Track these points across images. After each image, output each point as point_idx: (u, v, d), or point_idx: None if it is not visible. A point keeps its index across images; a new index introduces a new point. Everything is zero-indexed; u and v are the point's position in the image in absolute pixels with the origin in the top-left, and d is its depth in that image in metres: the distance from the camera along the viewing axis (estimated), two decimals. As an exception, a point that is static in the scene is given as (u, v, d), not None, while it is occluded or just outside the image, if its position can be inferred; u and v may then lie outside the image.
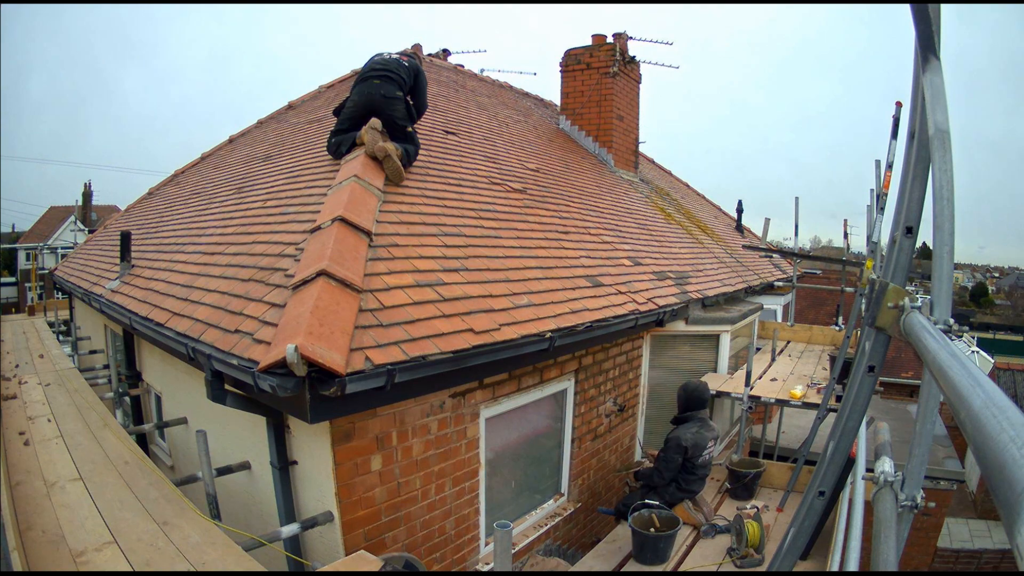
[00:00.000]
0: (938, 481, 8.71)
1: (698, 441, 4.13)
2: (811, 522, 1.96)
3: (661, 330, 5.59)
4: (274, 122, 8.09)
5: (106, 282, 5.14)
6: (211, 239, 4.49)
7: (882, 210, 4.72)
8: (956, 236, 1.19)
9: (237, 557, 2.29)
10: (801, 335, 8.69)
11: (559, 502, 4.57)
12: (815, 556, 3.78)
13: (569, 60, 9.25)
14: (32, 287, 15.04)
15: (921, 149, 1.44)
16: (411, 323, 2.91)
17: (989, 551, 10.96)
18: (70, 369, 5.15)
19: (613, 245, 5.77)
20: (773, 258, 10.46)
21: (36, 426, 3.58)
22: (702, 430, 4.21)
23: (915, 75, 1.47)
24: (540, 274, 4.21)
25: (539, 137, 8.30)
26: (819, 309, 19.02)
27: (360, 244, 3.21)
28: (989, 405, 0.66)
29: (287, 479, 3.09)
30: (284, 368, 2.33)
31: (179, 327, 3.25)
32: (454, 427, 3.42)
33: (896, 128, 4.37)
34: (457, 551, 3.57)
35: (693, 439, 4.12)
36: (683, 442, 4.10)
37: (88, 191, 33.47)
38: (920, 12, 1.32)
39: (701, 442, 4.15)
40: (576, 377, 4.55)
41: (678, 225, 8.64)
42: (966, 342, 23.20)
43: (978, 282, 67.75)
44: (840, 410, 1.84)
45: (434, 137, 5.60)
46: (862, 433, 3.90)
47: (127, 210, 9.09)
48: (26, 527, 2.40)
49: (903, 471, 1.36)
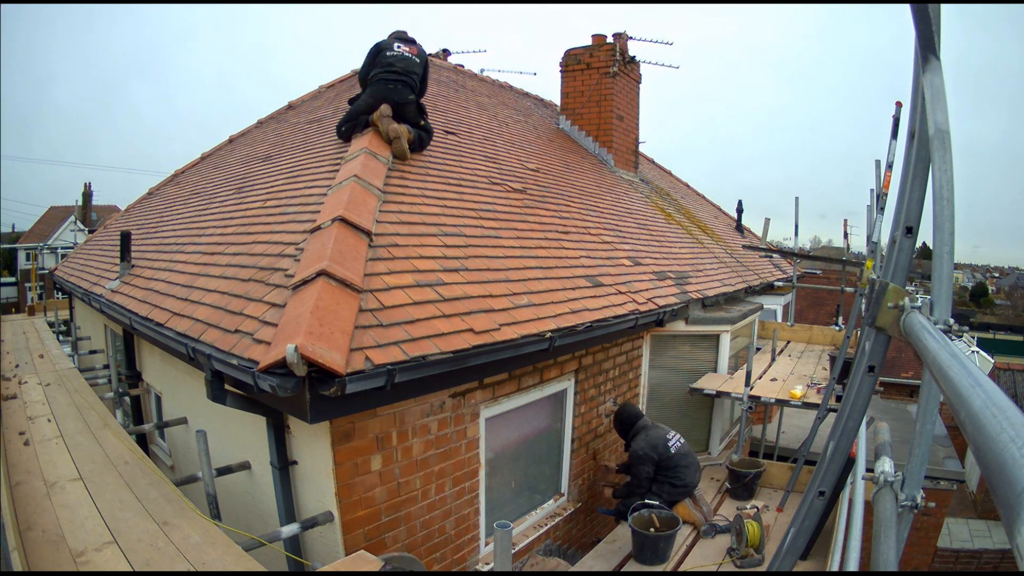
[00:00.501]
0: (938, 481, 8.70)
1: (652, 442, 4.26)
2: (811, 522, 1.96)
3: (661, 330, 5.59)
4: (274, 122, 8.09)
5: (106, 282, 5.14)
6: (211, 239, 4.48)
7: (882, 210, 4.72)
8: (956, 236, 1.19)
9: (237, 557, 2.29)
10: (801, 335, 8.69)
11: (559, 502, 4.57)
12: (815, 556, 3.78)
13: (569, 60, 9.25)
14: (32, 287, 15.06)
15: (921, 149, 1.44)
16: (411, 323, 2.91)
17: (989, 551, 10.95)
18: (70, 369, 5.15)
19: (613, 245, 5.77)
20: (773, 258, 10.46)
21: (36, 426, 3.58)
22: (648, 432, 4.35)
23: (915, 75, 1.47)
24: (540, 274, 4.21)
25: (539, 137, 8.30)
26: (819, 309, 19.02)
27: (360, 244, 3.21)
28: (989, 405, 0.66)
29: (287, 479, 3.09)
30: (284, 368, 2.33)
31: (179, 327, 3.25)
32: (454, 427, 3.42)
33: (896, 128, 4.37)
34: (457, 551, 3.57)
35: (647, 443, 4.25)
36: (640, 452, 4.23)
37: (88, 191, 33.47)
38: (920, 12, 1.32)
39: (655, 440, 4.27)
40: (576, 377, 4.55)
41: (678, 225, 8.64)
42: (966, 342, 23.19)
43: (978, 282, 67.78)
44: (840, 410, 1.84)
45: (434, 137, 5.59)
46: (862, 433, 3.90)
47: (127, 210, 9.09)
48: (26, 527, 2.40)
49: (903, 471, 1.36)
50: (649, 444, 4.23)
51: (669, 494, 4.21)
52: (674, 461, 4.23)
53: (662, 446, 4.23)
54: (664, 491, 4.21)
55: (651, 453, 4.20)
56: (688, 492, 4.27)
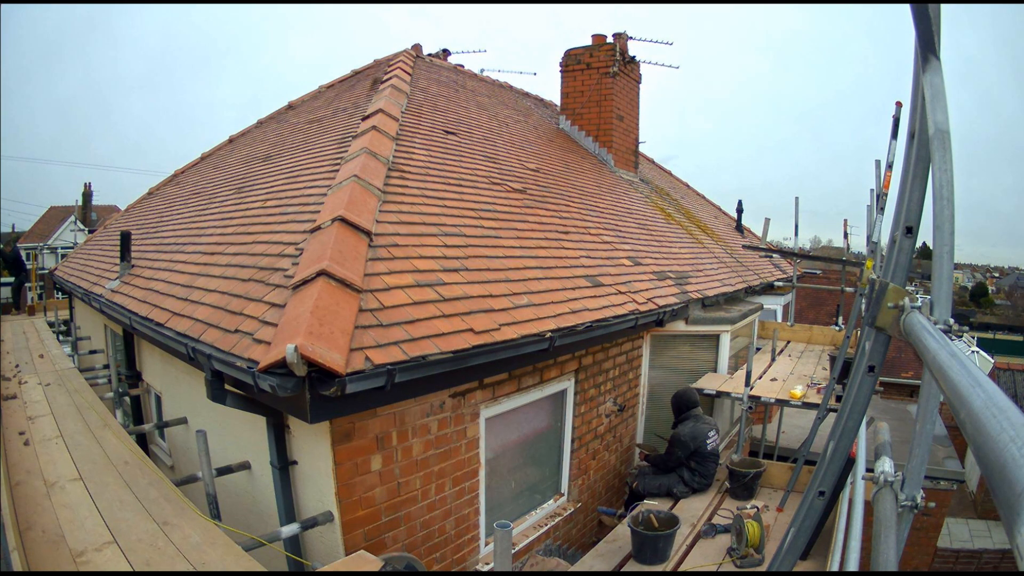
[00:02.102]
0: (938, 481, 8.71)
1: (695, 434, 4.65)
2: (811, 522, 1.96)
3: (661, 330, 5.59)
4: (274, 122, 8.10)
5: (106, 282, 5.14)
6: (211, 239, 4.49)
7: (882, 210, 4.71)
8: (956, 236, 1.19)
9: (237, 557, 2.29)
10: (801, 335, 8.69)
11: (559, 502, 4.57)
12: (815, 556, 3.78)
13: (569, 60, 9.25)
14: (32, 287, 15.09)
15: (921, 149, 1.44)
16: (411, 323, 2.91)
17: (989, 551, 10.95)
18: (70, 369, 5.15)
19: (613, 245, 5.77)
20: (773, 258, 10.45)
21: (36, 426, 3.58)
22: (698, 424, 4.73)
23: (915, 75, 1.47)
24: (540, 274, 4.21)
25: (539, 137, 8.30)
26: (819, 309, 19.02)
27: (360, 244, 3.21)
28: (989, 405, 0.66)
29: (287, 479, 3.09)
30: (284, 368, 2.33)
31: (179, 327, 3.25)
32: (454, 427, 3.42)
33: (896, 128, 4.37)
34: (457, 551, 3.57)
35: (691, 432, 4.66)
36: (682, 437, 4.65)
37: (88, 191, 33.48)
38: (920, 12, 1.32)
39: (699, 434, 4.66)
40: (576, 377, 4.55)
41: (678, 225, 8.64)
42: (966, 342, 23.19)
43: (978, 282, 67.76)
44: (840, 410, 1.84)
45: (434, 137, 5.60)
46: (862, 433, 3.90)
47: (127, 210, 9.09)
48: (26, 527, 2.40)
49: (903, 471, 1.36)
50: (691, 434, 4.64)
51: (694, 482, 4.65)
52: (705, 455, 4.67)
53: (701, 439, 4.66)
54: (693, 478, 4.65)
55: (690, 442, 4.63)
56: (708, 484, 4.73)
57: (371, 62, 8.77)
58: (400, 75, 6.81)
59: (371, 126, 4.76)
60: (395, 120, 5.25)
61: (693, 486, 4.67)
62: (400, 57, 7.96)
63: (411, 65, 7.71)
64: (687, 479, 4.66)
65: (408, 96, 6.26)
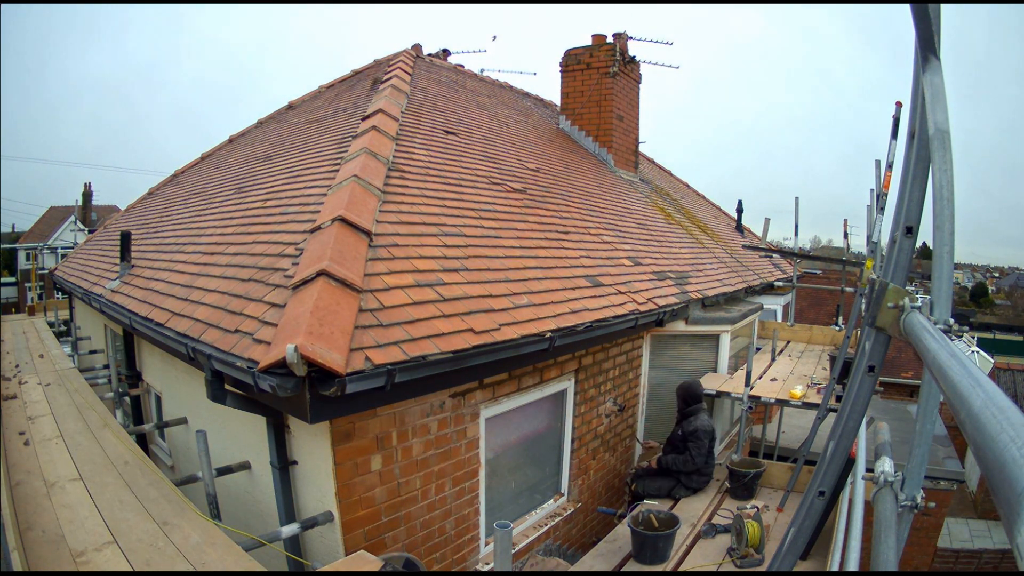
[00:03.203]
0: (938, 481, 8.70)
1: (713, 428, 4.73)
2: (811, 522, 1.96)
3: (661, 330, 5.59)
4: (274, 122, 8.10)
5: (106, 282, 5.14)
6: (211, 239, 4.49)
7: (882, 210, 4.72)
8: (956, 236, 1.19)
9: (237, 557, 2.29)
10: (801, 335, 8.69)
11: (559, 502, 4.57)
12: (815, 556, 3.78)
13: (569, 60, 9.25)
14: (32, 287, 15.07)
15: (921, 149, 1.44)
16: (411, 323, 2.90)
17: (989, 551, 10.94)
18: (70, 369, 5.15)
19: (613, 245, 5.77)
20: (773, 258, 10.45)
21: (36, 426, 3.58)
22: (706, 416, 4.77)
23: (915, 75, 1.47)
24: (540, 274, 4.21)
25: (539, 137, 8.30)
26: (819, 309, 19.02)
27: (360, 244, 3.21)
28: (989, 405, 0.66)
29: (287, 479, 3.09)
30: (284, 368, 2.33)
31: (179, 327, 3.25)
32: (454, 427, 3.42)
33: (896, 128, 4.37)
34: (457, 551, 3.57)
35: (711, 425, 4.70)
36: (708, 426, 4.65)
37: (88, 191, 33.50)
38: (920, 12, 1.32)
39: (712, 428, 4.72)
40: (576, 377, 4.55)
41: (678, 225, 8.64)
42: (966, 342, 23.19)
43: (978, 282, 67.76)
44: (840, 410, 1.84)
45: (434, 137, 5.60)
46: (862, 433, 3.90)
47: (127, 210, 9.09)
48: (26, 527, 2.40)
49: (903, 471, 1.36)
50: (708, 425, 4.68)
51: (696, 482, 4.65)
52: (712, 454, 4.75)
53: (713, 433, 4.72)
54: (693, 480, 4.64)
55: (712, 432, 4.69)
56: (707, 482, 4.76)
57: (371, 62, 8.77)
58: (400, 75, 6.81)
59: (371, 126, 4.76)
60: (395, 120, 5.25)
61: (693, 486, 4.65)
62: (400, 57, 7.96)
63: (411, 65, 7.71)
64: (710, 470, 4.71)
65: (408, 96, 6.26)
